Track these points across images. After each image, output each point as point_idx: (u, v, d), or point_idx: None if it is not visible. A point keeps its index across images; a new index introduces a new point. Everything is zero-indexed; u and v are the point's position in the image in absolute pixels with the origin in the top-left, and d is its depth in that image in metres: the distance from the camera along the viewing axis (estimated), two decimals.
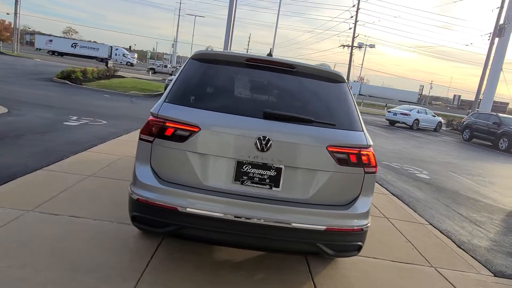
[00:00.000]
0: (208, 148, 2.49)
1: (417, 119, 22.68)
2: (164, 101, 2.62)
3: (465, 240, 4.60)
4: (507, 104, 70.48)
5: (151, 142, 2.54)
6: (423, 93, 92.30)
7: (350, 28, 43.45)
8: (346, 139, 2.57)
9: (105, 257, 2.88)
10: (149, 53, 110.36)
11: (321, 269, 3.20)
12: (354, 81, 66.37)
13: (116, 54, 58.78)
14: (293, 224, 2.46)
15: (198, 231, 2.49)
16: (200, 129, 2.47)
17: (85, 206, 3.77)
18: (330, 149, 2.52)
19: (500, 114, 19.66)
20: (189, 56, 3.04)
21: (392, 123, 23.49)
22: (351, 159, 2.55)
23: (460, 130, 22.35)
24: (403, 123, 22.70)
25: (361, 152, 2.57)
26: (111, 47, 59.52)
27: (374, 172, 2.65)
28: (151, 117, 2.58)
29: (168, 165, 2.54)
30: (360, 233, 2.60)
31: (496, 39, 26.05)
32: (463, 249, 4.28)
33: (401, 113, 22.77)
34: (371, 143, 2.65)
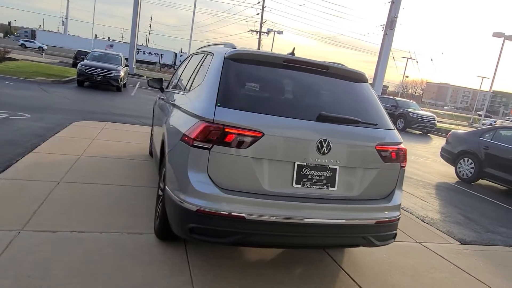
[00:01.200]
0: (270, 153, 2.46)
1: None
2: (216, 105, 2.48)
3: (424, 215, 5.30)
4: (387, 87, 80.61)
5: (209, 149, 2.40)
6: None
7: (258, 14, 44.33)
8: (388, 138, 2.79)
9: (143, 275, 2.66)
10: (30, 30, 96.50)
11: (341, 257, 3.42)
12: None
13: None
14: (350, 221, 2.60)
15: (262, 237, 2.48)
16: (263, 134, 2.42)
17: (78, 218, 3.36)
18: (378, 148, 2.70)
19: (397, 98, 22.36)
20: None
21: None
22: (392, 156, 2.78)
23: None
24: None
25: (400, 149, 2.81)
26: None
27: (405, 166, 2.93)
28: (204, 123, 2.42)
29: (229, 173, 2.44)
30: (397, 223, 2.87)
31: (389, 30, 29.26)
32: (427, 223, 4.95)
33: None
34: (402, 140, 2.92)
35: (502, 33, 26.08)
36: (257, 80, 2.75)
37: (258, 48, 44.70)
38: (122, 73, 15.70)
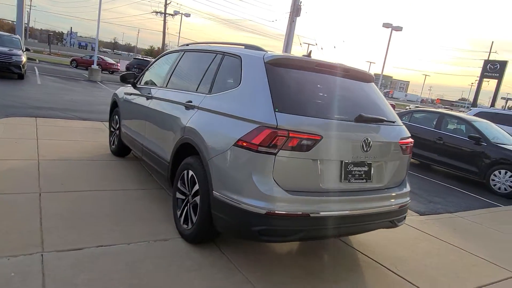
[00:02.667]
0: (325, 154, 2.66)
1: None
2: (275, 111, 2.57)
3: None
4: None
5: (275, 154, 2.51)
6: None
7: None
8: (404, 133, 3.21)
9: (201, 281, 2.67)
10: None
11: (350, 240, 3.82)
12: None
13: None
14: (384, 208, 2.98)
15: (322, 231, 2.70)
16: (322, 137, 2.61)
17: (92, 231, 3.13)
18: (400, 142, 3.11)
19: None
20: None
21: None
22: (408, 148, 3.21)
23: None
24: None
25: (411, 142, 3.26)
26: None
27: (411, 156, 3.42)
28: (269, 129, 2.50)
29: (291, 175, 2.58)
30: (408, 205, 3.35)
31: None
32: None
33: None
34: None
35: (390, 23, 29.54)
36: (299, 84, 2.88)
37: (163, 30, 42.91)
38: (24, 58, 13.80)
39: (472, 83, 68.74)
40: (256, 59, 2.93)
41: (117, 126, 5.40)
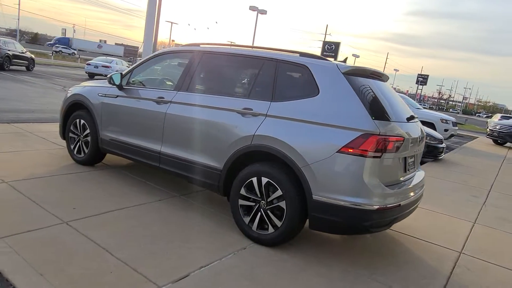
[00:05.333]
0: (403, 151, 3.15)
1: (117, 71, 23.03)
2: (372, 119, 2.90)
3: None
4: (138, 47, 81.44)
5: (379, 157, 2.87)
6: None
7: None
8: (423, 128, 3.93)
9: (318, 279, 2.89)
10: None
11: None
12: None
13: None
14: (422, 191, 3.67)
15: (402, 216, 3.21)
16: (404, 138, 3.08)
17: (175, 254, 2.94)
18: (426, 136, 3.82)
19: None
20: None
21: (92, 75, 22.66)
22: (425, 139, 3.96)
23: None
24: (105, 75, 22.43)
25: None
26: None
27: None
28: (375, 136, 2.83)
29: (387, 172, 3.00)
30: None
31: None
32: None
33: (102, 66, 22.32)
34: None
35: (256, 7, 31.21)
36: (370, 92, 3.23)
37: None
38: None
39: None
40: (331, 69, 3.16)
41: (85, 132, 4.74)
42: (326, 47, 46.82)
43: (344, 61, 3.80)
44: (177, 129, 3.81)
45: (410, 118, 3.44)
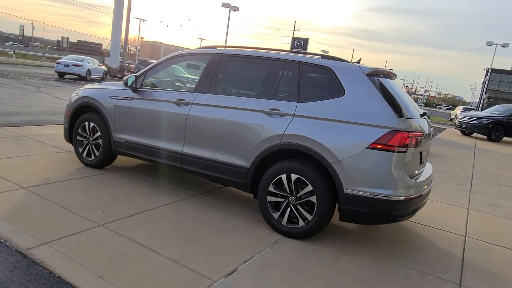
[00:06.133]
0: (420, 146, 3.42)
1: (89, 70, 22.42)
2: (399, 117, 3.15)
3: None
4: (101, 44, 79.24)
5: (405, 151, 3.12)
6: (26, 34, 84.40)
7: None
8: None
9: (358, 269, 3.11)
10: None
11: None
12: None
13: None
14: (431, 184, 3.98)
15: (419, 207, 3.48)
16: (423, 133, 3.35)
17: (216, 249, 3.07)
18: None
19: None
20: None
21: (62, 75, 21.89)
22: None
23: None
24: (76, 74, 21.76)
25: None
26: None
27: None
28: (401, 132, 3.07)
29: (410, 165, 3.26)
30: None
31: None
32: None
33: (73, 65, 21.59)
34: None
35: (229, 4, 31.18)
36: (389, 90, 3.46)
37: None
38: None
39: None
40: (355, 70, 3.37)
41: (95, 135, 4.74)
42: (295, 43, 47.43)
43: (358, 62, 4.03)
44: (200, 130, 3.91)
45: (423, 114, 3.72)
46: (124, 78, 4.50)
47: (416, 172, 3.50)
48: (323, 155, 3.24)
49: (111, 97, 4.59)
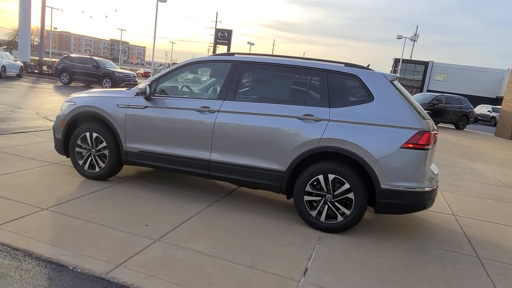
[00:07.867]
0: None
1: (4, 66, 20.02)
2: (420, 118, 3.61)
3: None
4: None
5: (430, 148, 3.61)
6: None
7: None
8: None
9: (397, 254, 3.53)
10: None
11: None
12: None
13: None
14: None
15: (435, 196, 4.01)
16: (437, 132, 3.86)
17: (277, 252, 3.27)
18: None
19: (96, 58, 21.74)
20: None
21: None
22: None
23: (56, 75, 22.00)
24: None
25: None
26: None
27: None
28: (428, 132, 3.53)
29: (429, 161, 3.75)
30: None
31: None
32: None
33: None
34: None
35: None
36: (407, 95, 3.90)
37: None
38: None
39: (208, 49, 78.90)
40: (380, 78, 3.75)
41: (99, 146, 4.51)
42: (219, 35, 47.30)
43: (367, 67, 4.44)
44: (230, 137, 3.98)
45: (428, 115, 4.26)
46: (139, 87, 4.32)
47: (431, 166, 4.03)
48: (361, 155, 3.58)
49: (120, 105, 4.39)
